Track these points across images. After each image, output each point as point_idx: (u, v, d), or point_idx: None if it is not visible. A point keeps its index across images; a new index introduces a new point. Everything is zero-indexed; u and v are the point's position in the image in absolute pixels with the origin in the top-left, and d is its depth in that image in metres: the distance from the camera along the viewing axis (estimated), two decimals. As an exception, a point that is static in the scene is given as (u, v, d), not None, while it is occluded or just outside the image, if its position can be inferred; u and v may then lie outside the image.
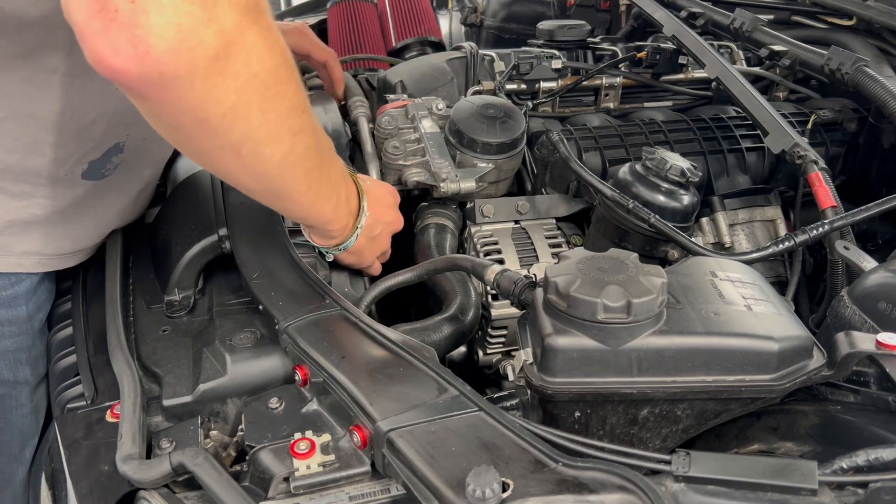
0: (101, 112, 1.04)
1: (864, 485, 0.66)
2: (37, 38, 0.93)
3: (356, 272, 1.18)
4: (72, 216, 1.11)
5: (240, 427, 0.87)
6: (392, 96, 1.46)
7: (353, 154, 1.40)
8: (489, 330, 1.23)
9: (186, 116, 0.74)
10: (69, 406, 0.97)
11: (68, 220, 1.11)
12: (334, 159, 1.00)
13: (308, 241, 1.10)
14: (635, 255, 0.83)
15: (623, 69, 1.59)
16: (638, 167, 1.21)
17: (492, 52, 1.58)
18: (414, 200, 1.36)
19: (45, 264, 1.12)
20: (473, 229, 1.31)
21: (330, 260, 1.13)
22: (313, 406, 0.84)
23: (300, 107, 0.84)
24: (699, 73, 1.62)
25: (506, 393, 0.96)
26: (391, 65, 1.81)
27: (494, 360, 1.26)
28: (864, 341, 0.76)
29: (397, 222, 1.19)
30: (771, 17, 1.71)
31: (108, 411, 0.90)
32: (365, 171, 1.33)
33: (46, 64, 0.96)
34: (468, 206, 1.32)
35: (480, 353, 1.26)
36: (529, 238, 1.30)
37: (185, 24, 0.66)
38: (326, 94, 1.54)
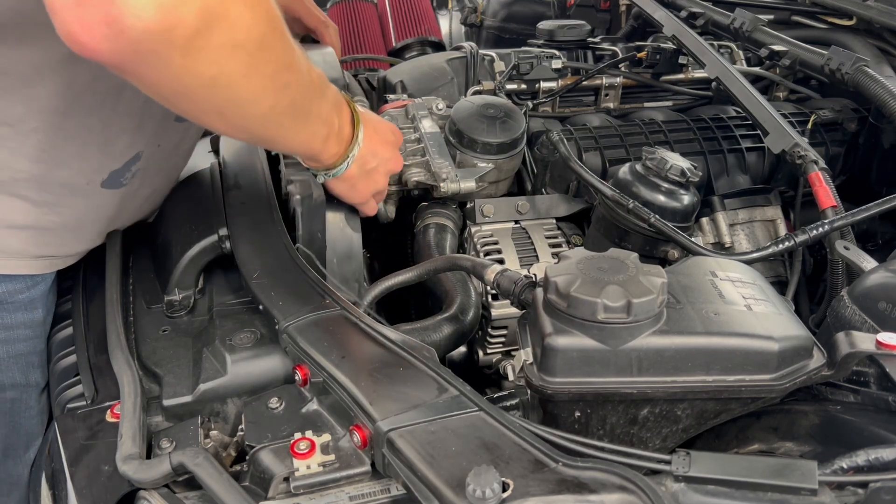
0: (126, 126, 1.04)
1: (864, 485, 0.66)
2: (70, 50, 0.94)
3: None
4: (87, 223, 1.11)
5: (240, 427, 0.87)
6: (392, 96, 1.46)
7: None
8: (489, 330, 1.23)
9: (165, 88, 0.73)
10: (69, 406, 0.97)
11: (83, 226, 1.12)
12: (325, 92, 0.97)
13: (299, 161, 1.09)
14: (635, 255, 0.83)
15: (623, 69, 1.59)
16: (638, 167, 1.21)
17: (492, 52, 1.58)
18: (414, 200, 1.36)
19: (57, 264, 1.13)
20: (473, 229, 1.31)
21: (321, 182, 1.10)
22: (313, 406, 0.84)
23: (287, 64, 0.82)
24: (699, 73, 1.62)
25: (506, 393, 0.96)
26: (391, 65, 1.81)
27: (494, 360, 1.26)
28: (864, 341, 0.76)
29: (395, 160, 1.16)
30: (771, 17, 1.71)
31: (108, 411, 0.90)
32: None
33: (79, 79, 0.96)
34: (468, 206, 1.32)
35: (480, 353, 1.26)
36: (529, 238, 1.30)
37: (165, 2, 0.63)
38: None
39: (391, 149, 1.15)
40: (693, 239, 1.12)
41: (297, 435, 0.78)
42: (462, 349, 1.28)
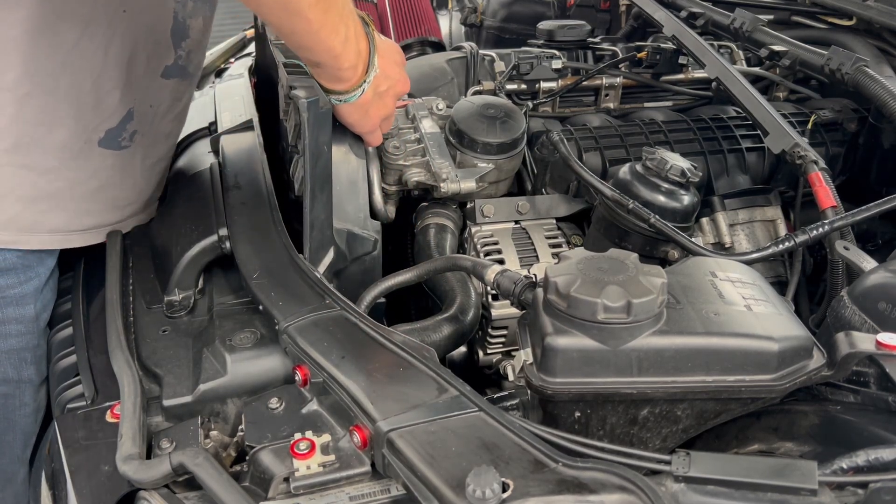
0: (115, 82, 1.07)
1: (864, 485, 0.66)
2: (54, 8, 0.96)
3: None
4: (94, 190, 1.12)
5: (240, 427, 0.87)
6: (392, 96, 1.45)
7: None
8: (489, 330, 1.23)
9: None
10: (69, 406, 0.97)
11: (90, 194, 1.12)
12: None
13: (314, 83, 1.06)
14: (635, 255, 0.83)
15: (623, 69, 1.59)
16: (638, 167, 1.21)
17: (492, 52, 1.58)
18: (414, 200, 1.36)
19: (70, 240, 1.13)
20: (473, 229, 1.31)
21: (331, 108, 1.08)
22: (313, 406, 0.83)
23: None
24: (699, 73, 1.62)
25: (506, 393, 0.96)
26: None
27: (494, 360, 1.26)
28: (864, 341, 0.76)
29: (403, 82, 1.15)
30: (771, 17, 1.71)
31: (108, 411, 0.90)
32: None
33: (67, 38, 0.99)
34: (468, 206, 1.32)
35: (480, 353, 1.26)
36: (529, 238, 1.30)
37: None
38: None
39: (399, 69, 1.14)
40: (693, 239, 1.12)
41: (297, 435, 0.78)
42: (462, 349, 1.28)
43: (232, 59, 1.94)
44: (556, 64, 1.52)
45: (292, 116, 1.11)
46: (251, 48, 1.96)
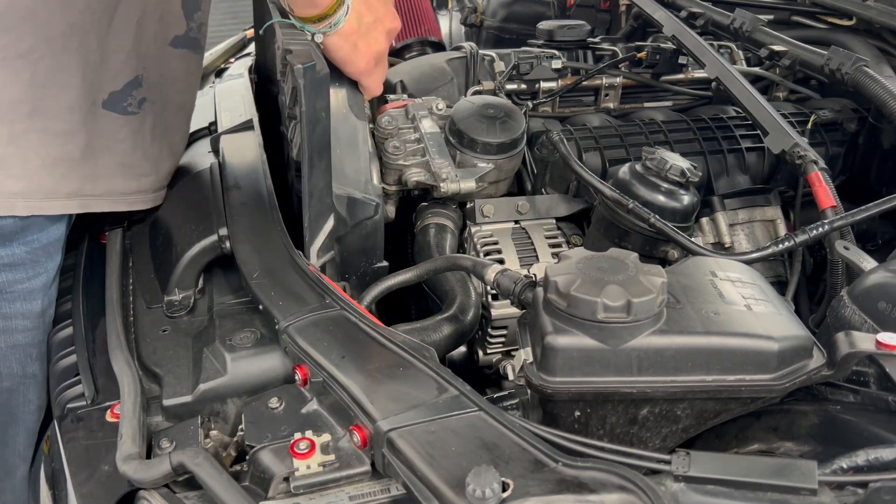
0: (121, 45, 1.09)
1: (864, 485, 0.66)
2: None
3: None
4: (103, 152, 1.12)
5: (240, 427, 0.87)
6: (392, 96, 1.45)
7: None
8: (489, 330, 1.23)
9: None
10: (69, 406, 0.97)
11: (100, 158, 1.12)
12: None
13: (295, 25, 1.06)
14: (635, 255, 0.83)
15: (623, 69, 1.59)
16: (638, 167, 1.21)
17: (492, 52, 1.58)
18: (414, 200, 1.36)
19: (87, 204, 1.13)
20: (473, 229, 1.31)
21: (319, 41, 1.06)
22: (313, 406, 0.83)
23: None
24: (699, 73, 1.62)
25: (506, 393, 0.96)
26: (391, 64, 1.80)
27: (494, 360, 1.26)
28: (864, 341, 0.76)
29: (391, 17, 1.12)
30: (771, 17, 1.71)
31: (108, 411, 0.90)
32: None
33: (78, 3, 1.02)
34: (468, 206, 1.32)
35: (480, 353, 1.26)
36: (529, 238, 1.30)
37: None
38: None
39: (385, 7, 1.11)
40: (693, 239, 1.12)
41: (297, 435, 0.78)
42: (462, 349, 1.28)
43: (232, 59, 1.94)
44: (556, 64, 1.52)
45: (289, 79, 1.08)
46: (251, 48, 1.96)
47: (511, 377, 1.16)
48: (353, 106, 1.12)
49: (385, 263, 1.15)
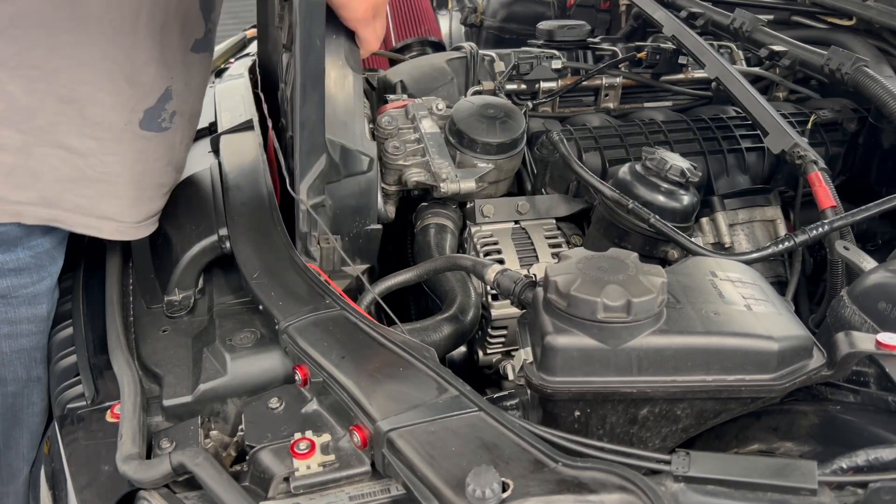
0: (150, 54, 1.04)
1: (864, 485, 0.66)
2: None
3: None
4: (141, 175, 1.09)
5: (240, 427, 0.87)
6: (392, 96, 1.46)
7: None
8: (489, 330, 1.23)
9: None
10: (69, 406, 0.97)
11: (139, 180, 1.09)
12: None
13: None
14: (635, 254, 0.83)
15: (623, 69, 1.59)
16: (638, 167, 1.21)
17: (492, 52, 1.58)
18: (414, 200, 1.36)
19: (123, 232, 1.11)
20: (473, 229, 1.31)
21: None
22: (313, 406, 0.84)
23: None
24: (699, 73, 1.62)
25: (506, 393, 0.96)
26: (391, 63, 1.80)
27: (494, 360, 1.26)
28: (864, 341, 0.76)
29: None
30: (771, 17, 1.71)
31: (108, 411, 0.90)
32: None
33: (94, 10, 0.97)
34: (468, 206, 1.32)
35: (480, 353, 1.26)
36: (529, 238, 1.30)
37: None
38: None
39: None
40: (693, 239, 1.12)
41: (297, 435, 0.78)
42: (462, 349, 1.28)
43: (232, 59, 1.94)
44: (556, 64, 1.52)
45: (286, 17, 1.05)
46: (251, 48, 1.96)
47: (511, 377, 1.16)
48: (349, 59, 1.10)
49: (378, 226, 1.14)
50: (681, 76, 1.62)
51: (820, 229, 1.07)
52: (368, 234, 1.15)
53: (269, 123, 1.35)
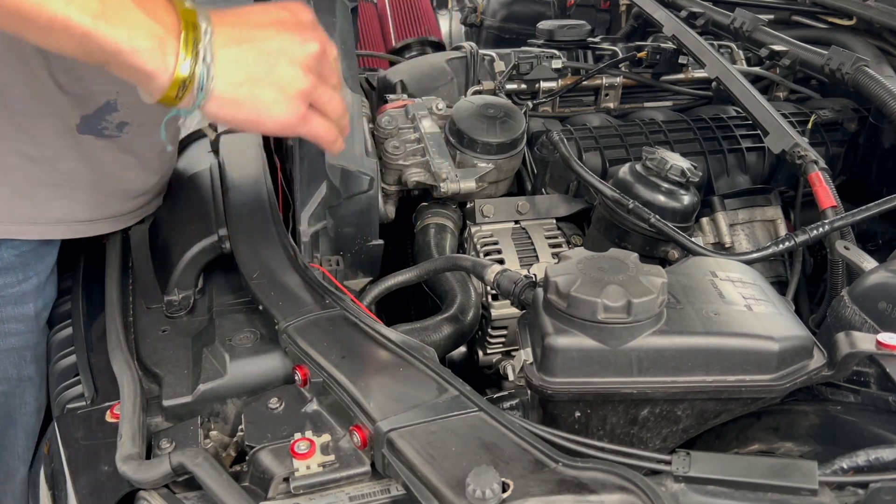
0: (84, 69, 1.01)
1: (864, 485, 0.66)
2: None
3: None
4: (94, 180, 1.09)
5: (240, 427, 0.87)
6: (392, 96, 1.46)
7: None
8: (489, 330, 1.23)
9: None
10: (69, 406, 0.97)
11: (92, 185, 1.09)
12: None
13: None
14: (635, 255, 0.83)
15: (623, 69, 1.59)
16: (638, 167, 1.21)
17: (492, 52, 1.58)
18: (414, 200, 1.36)
19: (75, 230, 1.11)
20: (473, 229, 1.31)
21: (197, 120, 0.96)
22: (313, 406, 0.83)
23: None
24: (699, 73, 1.62)
25: (506, 393, 0.96)
26: (391, 63, 1.81)
27: (494, 360, 1.26)
28: (864, 341, 0.76)
29: (302, 38, 0.78)
30: (771, 17, 1.71)
31: (108, 411, 0.90)
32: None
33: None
34: (468, 206, 1.32)
35: (480, 353, 1.26)
36: (529, 238, 1.30)
37: None
38: None
39: (276, 26, 0.77)
40: (693, 239, 1.12)
41: (297, 435, 0.77)
42: (462, 349, 1.28)
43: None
44: (556, 64, 1.52)
45: None
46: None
47: (511, 377, 1.15)
48: (348, 79, 1.10)
49: (380, 241, 1.14)
50: (681, 76, 1.62)
51: (820, 229, 1.07)
52: (370, 250, 1.16)
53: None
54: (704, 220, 1.31)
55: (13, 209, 1.06)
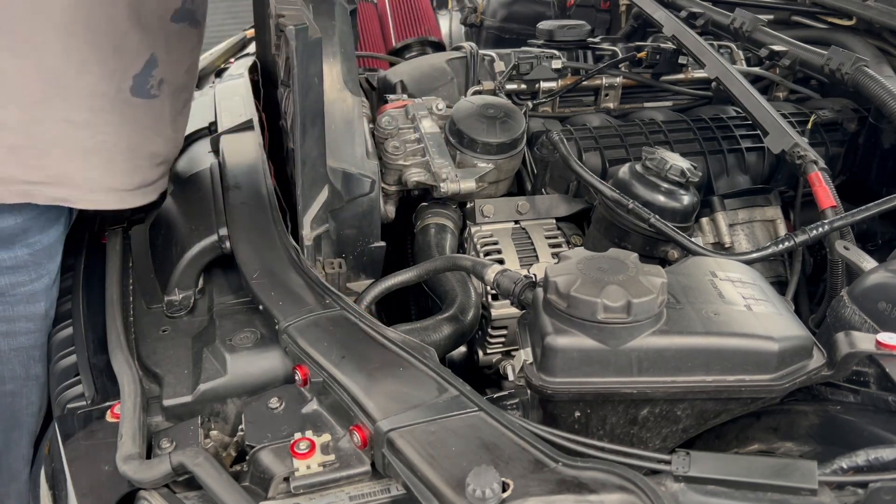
0: (130, 22, 1.05)
1: (864, 485, 0.66)
2: None
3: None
4: (136, 144, 1.11)
5: (240, 427, 0.87)
6: (392, 96, 1.46)
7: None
8: (489, 330, 1.23)
9: None
10: (69, 406, 0.97)
11: (133, 149, 1.10)
12: None
13: None
14: (635, 255, 0.83)
15: (623, 69, 1.59)
16: (638, 167, 1.21)
17: (492, 52, 1.58)
18: (414, 200, 1.36)
19: (125, 200, 1.12)
20: (473, 229, 1.31)
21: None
22: (313, 406, 0.83)
23: None
24: (699, 73, 1.62)
25: (506, 393, 0.96)
26: (391, 64, 1.81)
27: (494, 360, 1.26)
28: (864, 341, 0.76)
29: None
30: (771, 17, 1.71)
31: (108, 411, 0.90)
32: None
33: None
34: (468, 206, 1.32)
35: (480, 353, 1.26)
36: (529, 238, 1.30)
37: None
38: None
39: None
40: (693, 239, 1.12)
41: (297, 435, 0.78)
42: (462, 349, 1.28)
43: (232, 59, 1.94)
44: (556, 64, 1.52)
45: (283, 50, 1.06)
46: (251, 48, 1.96)
47: (511, 377, 1.16)
48: (348, 82, 1.10)
49: (382, 243, 1.14)
50: (681, 76, 1.62)
51: (820, 229, 1.07)
52: (372, 252, 1.16)
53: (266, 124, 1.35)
54: (704, 220, 1.31)
55: (70, 174, 1.06)
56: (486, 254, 1.27)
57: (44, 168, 1.04)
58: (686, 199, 1.19)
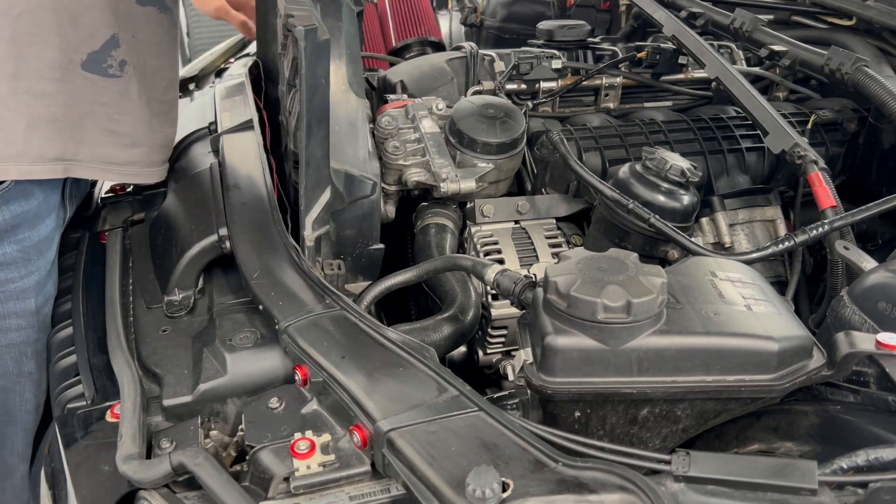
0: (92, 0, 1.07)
1: (864, 485, 0.66)
2: None
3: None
4: (85, 116, 1.11)
5: (240, 427, 0.87)
6: (392, 96, 1.46)
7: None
8: (489, 330, 1.23)
9: None
10: (69, 406, 0.97)
11: (83, 121, 1.11)
12: None
13: None
14: (635, 255, 0.83)
15: (623, 69, 1.59)
16: (638, 167, 1.21)
17: (492, 52, 1.58)
18: (414, 200, 1.36)
19: (71, 170, 1.12)
20: (473, 229, 1.31)
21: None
22: (313, 406, 0.84)
23: None
24: (699, 73, 1.62)
25: (506, 393, 0.96)
26: (391, 64, 1.81)
27: (494, 360, 1.26)
28: (864, 341, 0.76)
29: None
30: (771, 17, 1.71)
31: (108, 411, 0.90)
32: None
33: None
34: (468, 206, 1.32)
35: (480, 353, 1.26)
36: (529, 238, 1.30)
37: None
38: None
39: None
40: (693, 239, 1.12)
41: (297, 435, 0.78)
42: (462, 349, 1.28)
43: (232, 59, 1.94)
44: (556, 64, 1.52)
45: (290, 50, 1.06)
46: (251, 48, 1.96)
47: (511, 377, 1.16)
48: (353, 84, 1.10)
49: (381, 246, 1.14)
50: (681, 76, 1.62)
51: (820, 229, 1.07)
52: (371, 254, 1.16)
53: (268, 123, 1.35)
54: (704, 220, 1.31)
55: (28, 147, 1.07)
56: (486, 254, 1.27)
57: (12, 142, 1.06)
58: (686, 199, 1.19)
